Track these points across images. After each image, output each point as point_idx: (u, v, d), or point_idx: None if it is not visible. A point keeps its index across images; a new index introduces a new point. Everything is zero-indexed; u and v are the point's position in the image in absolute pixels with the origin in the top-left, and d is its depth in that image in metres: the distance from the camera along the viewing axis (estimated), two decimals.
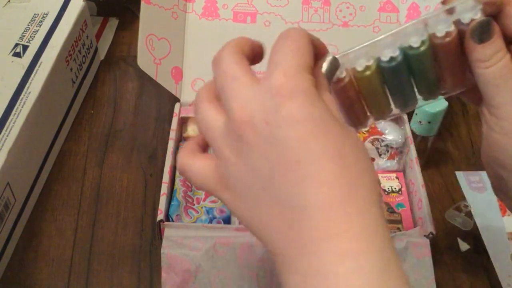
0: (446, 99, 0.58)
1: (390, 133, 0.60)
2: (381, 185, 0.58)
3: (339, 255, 0.25)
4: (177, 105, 0.62)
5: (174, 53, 0.63)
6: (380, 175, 0.58)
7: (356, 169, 0.27)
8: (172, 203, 0.53)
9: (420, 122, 0.58)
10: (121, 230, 0.57)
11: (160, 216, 0.50)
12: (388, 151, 0.60)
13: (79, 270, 0.54)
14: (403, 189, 0.58)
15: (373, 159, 0.60)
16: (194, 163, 0.31)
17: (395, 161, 0.60)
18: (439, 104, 0.57)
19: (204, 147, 0.32)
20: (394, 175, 0.59)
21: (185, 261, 0.47)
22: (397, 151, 0.60)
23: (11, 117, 0.55)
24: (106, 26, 0.82)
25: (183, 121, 0.61)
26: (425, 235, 0.51)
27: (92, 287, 0.52)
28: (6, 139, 0.53)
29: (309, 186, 0.26)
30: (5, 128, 0.54)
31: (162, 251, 0.48)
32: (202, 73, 0.63)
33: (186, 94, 0.63)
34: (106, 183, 0.61)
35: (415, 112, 0.59)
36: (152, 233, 0.56)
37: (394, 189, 0.57)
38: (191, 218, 0.52)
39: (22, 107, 0.56)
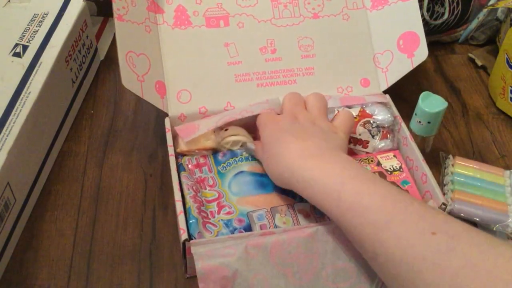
0: (446, 99, 0.58)
1: (379, 113, 0.62)
2: (382, 165, 0.58)
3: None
4: (167, 120, 0.60)
5: (154, 68, 0.61)
6: (378, 157, 0.59)
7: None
8: (190, 221, 0.51)
9: (420, 122, 0.58)
10: (121, 230, 0.57)
11: (184, 235, 0.48)
12: (380, 131, 0.60)
13: (79, 270, 0.54)
14: (403, 166, 0.58)
15: (367, 142, 0.61)
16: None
17: (389, 140, 0.61)
18: (439, 104, 0.57)
19: None
20: (391, 154, 0.59)
21: (221, 268, 0.47)
22: (389, 130, 0.61)
23: (11, 117, 0.55)
24: (106, 26, 0.82)
25: (176, 134, 0.60)
26: (438, 207, 0.52)
27: (92, 287, 0.52)
28: (6, 139, 0.53)
29: None
30: (5, 128, 0.54)
31: (196, 263, 0.47)
32: (185, 83, 0.62)
33: (173, 107, 0.61)
34: (106, 183, 0.61)
35: (414, 112, 0.59)
36: (152, 233, 0.57)
37: (395, 168, 0.58)
38: (211, 233, 0.51)
39: (22, 107, 0.56)
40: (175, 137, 0.60)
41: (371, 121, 0.61)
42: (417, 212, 0.42)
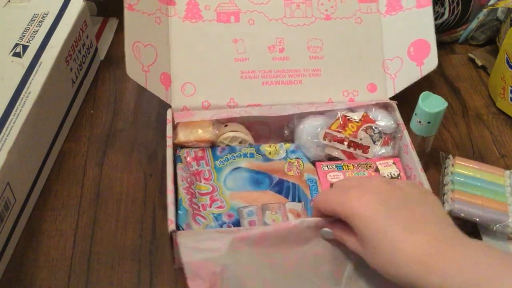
0: (446, 99, 0.58)
1: (382, 119, 0.61)
2: (380, 172, 0.58)
3: None
4: (169, 111, 0.60)
5: (161, 59, 0.62)
6: (378, 163, 0.59)
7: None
8: (179, 212, 0.51)
9: (420, 122, 0.58)
10: (121, 230, 0.57)
11: (172, 226, 0.48)
12: (381, 137, 0.60)
13: (79, 270, 0.54)
14: (402, 173, 0.58)
15: (368, 147, 0.60)
16: None
17: (390, 146, 0.61)
18: (439, 104, 0.57)
19: None
20: (391, 161, 0.59)
21: (209, 264, 0.47)
22: (391, 137, 0.61)
23: (11, 117, 0.55)
24: (106, 26, 0.82)
25: (176, 127, 0.60)
26: None
27: (92, 287, 0.52)
28: (6, 139, 0.53)
29: None
30: (5, 128, 0.54)
31: (183, 261, 0.47)
32: (191, 77, 0.62)
33: (177, 99, 0.62)
34: (106, 183, 0.61)
35: (414, 113, 0.59)
36: (152, 233, 0.57)
37: (393, 175, 0.58)
38: (200, 225, 0.51)
39: (22, 107, 0.56)
40: (174, 128, 0.60)
41: (373, 127, 0.60)
42: None
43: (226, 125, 0.60)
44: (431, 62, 0.61)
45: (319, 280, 0.49)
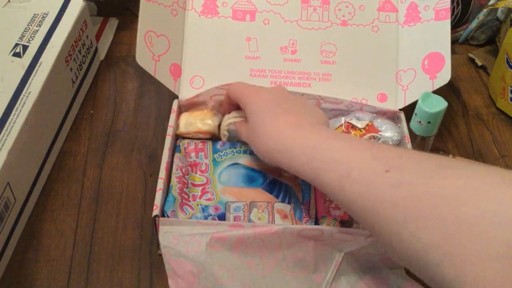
0: (446, 99, 0.58)
1: (387, 130, 0.60)
2: None
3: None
4: (175, 102, 0.61)
5: (173, 50, 0.63)
6: None
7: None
8: (167, 199, 0.52)
9: (419, 122, 0.58)
10: (121, 230, 0.57)
11: (156, 211, 0.50)
12: None
13: (79, 270, 0.54)
14: None
15: None
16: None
17: None
18: (439, 104, 0.57)
19: None
20: None
21: (186, 264, 0.47)
22: None
23: (11, 117, 0.55)
24: (106, 26, 0.82)
25: (179, 117, 0.61)
26: None
27: (92, 287, 0.52)
28: (6, 139, 0.53)
29: None
30: (5, 128, 0.54)
31: (164, 259, 0.48)
32: (201, 70, 0.63)
33: (185, 91, 0.63)
34: (106, 183, 0.61)
35: (414, 112, 0.58)
36: (152, 233, 0.57)
37: None
38: (186, 214, 0.52)
39: (22, 107, 0.56)
40: (176, 120, 0.61)
41: (376, 137, 0.59)
42: (373, 155, 0.43)
43: (229, 113, 0.61)
44: (444, 76, 0.60)
45: (299, 284, 0.49)
